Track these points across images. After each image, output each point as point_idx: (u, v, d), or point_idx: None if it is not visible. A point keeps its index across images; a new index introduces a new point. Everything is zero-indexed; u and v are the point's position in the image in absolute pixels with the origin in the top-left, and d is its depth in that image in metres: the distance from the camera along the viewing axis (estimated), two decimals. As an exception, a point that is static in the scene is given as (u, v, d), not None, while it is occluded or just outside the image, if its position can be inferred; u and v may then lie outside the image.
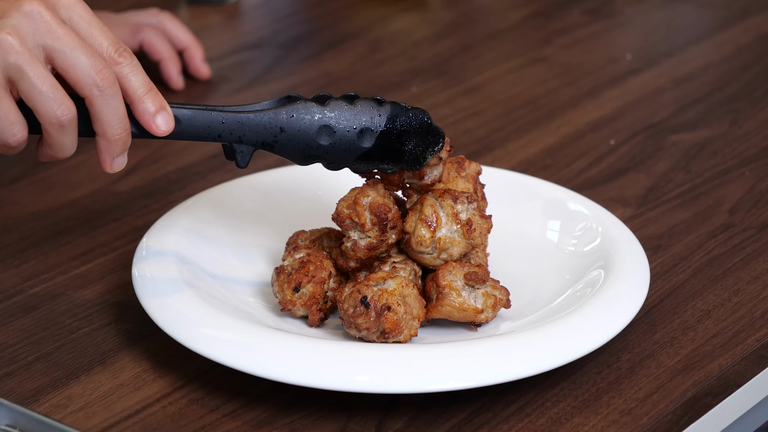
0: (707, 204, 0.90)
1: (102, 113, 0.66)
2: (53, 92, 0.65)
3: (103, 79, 0.66)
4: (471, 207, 0.73)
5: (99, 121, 0.67)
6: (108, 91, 0.66)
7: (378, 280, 0.71)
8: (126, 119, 0.67)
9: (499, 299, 0.73)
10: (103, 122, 0.67)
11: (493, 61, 1.16)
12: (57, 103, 0.65)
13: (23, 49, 0.65)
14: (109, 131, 0.67)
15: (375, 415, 0.68)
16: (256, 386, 0.70)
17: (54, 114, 0.65)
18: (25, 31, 0.65)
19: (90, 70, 0.65)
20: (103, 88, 0.66)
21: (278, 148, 0.71)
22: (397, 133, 0.71)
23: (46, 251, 0.84)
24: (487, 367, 0.68)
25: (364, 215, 0.72)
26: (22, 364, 0.73)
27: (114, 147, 0.68)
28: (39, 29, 0.65)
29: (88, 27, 0.67)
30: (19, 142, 0.66)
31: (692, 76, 1.11)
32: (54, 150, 0.67)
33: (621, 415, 0.69)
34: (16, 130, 0.66)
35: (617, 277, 0.75)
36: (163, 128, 0.68)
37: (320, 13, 1.27)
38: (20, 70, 0.65)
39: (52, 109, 0.65)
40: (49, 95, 0.65)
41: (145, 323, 0.75)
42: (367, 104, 0.71)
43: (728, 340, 0.75)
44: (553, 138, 1.01)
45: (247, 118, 0.70)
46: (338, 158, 0.71)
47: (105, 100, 0.66)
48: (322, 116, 0.70)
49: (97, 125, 0.67)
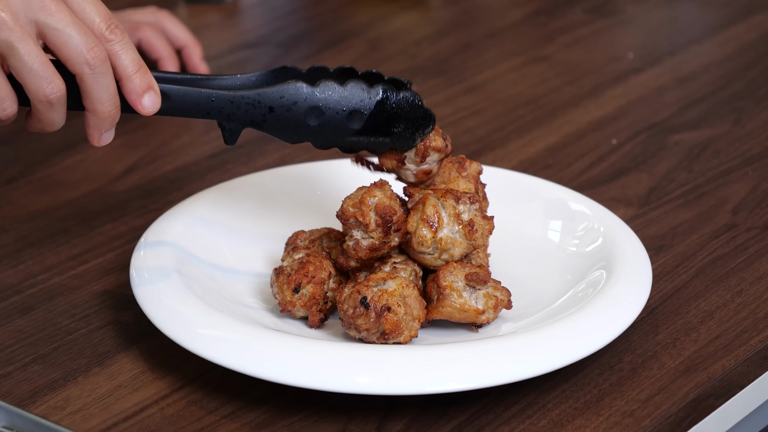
0: (710, 204, 0.90)
1: (92, 90, 0.67)
2: (43, 70, 0.66)
3: (94, 57, 0.66)
4: (473, 208, 0.73)
5: (89, 98, 0.68)
6: (99, 69, 0.67)
7: (378, 281, 0.70)
8: (116, 96, 0.68)
9: (501, 300, 0.73)
10: (93, 99, 0.67)
11: (494, 59, 1.15)
12: (46, 81, 0.66)
13: (15, 26, 0.65)
14: (99, 108, 0.68)
15: (375, 416, 0.68)
16: (255, 388, 0.70)
17: (43, 92, 0.66)
18: (17, 7, 0.65)
19: (81, 48, 0.66)
20: (94, 66, 0.66)
21: (267, 127, 0.71)
22: (387, 115, 0.72)
23: (44, 251, 0.84)
24: (488, 368, 0.68)
25: (369, 215, 0.71)
26: (18, 366, 0.72)
27: (103, 123, 0.69)
28: (32, 5, 0.66)
29: (81, 2, 0.68)
30: (9, 116, 0.67)
31: (695, 75, 1.11)
32: (42, 124, 0.68)
33: (623, 416, 0.68)
34: (6, 104, 0.67)
35: (619, 277, 0.75)
36: (149, 108, 0.69)
37: (319, 11, 1.27)
38: (11, 46, 0.65)
39: (42, 87, 0.66)
40: (39, 73, 0.66)
41: (143, 324, 0.74)
42: (357, 86, 0.71)
43: (731, 341, 0.75)
44: (554, 137, 1.00)
45: (236, 97, 0.70)
46: (327, 139, 0.72)
47: (95, 78, 0.67)
48: (312, 97, 0.71)
49: (87, 102, 0.68)
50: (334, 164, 0.87)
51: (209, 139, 1.00)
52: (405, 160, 0.74)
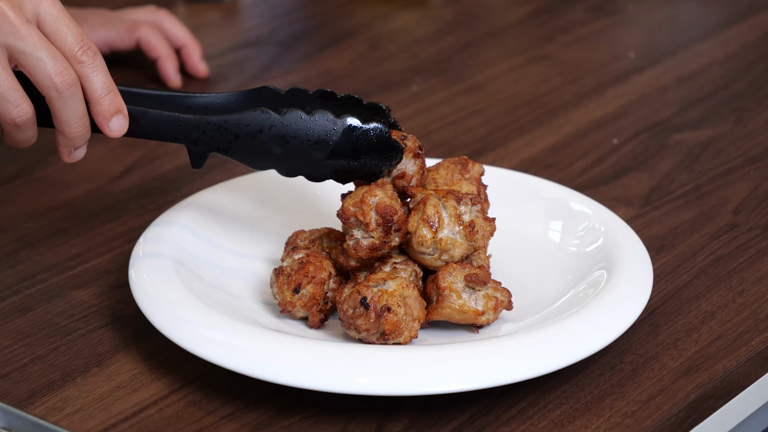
0: (711, 204, 0.90)
1: (60, 113, 0.69)
2: (10, 93, 0.68)
3: (62, 81, 0.68)
4: (474, 209, 0.72)
5: (57, 120, 0.69)
6: (66, 93, 0.68)
7: (378, 281, 0.70)
8: (85, 118, 0.69)
9: (501, 301, 0.72)
10: (62, 121, 0.69)
11: (494, 59, 1.15)
12: (13, 105, 0.68)
13: None
14: (67, 130, 0.69)
15: (375, 417, 0.68)
16: (255, 388, 0.70)
17: (9, 115, 0.68)
18: None
19: (50, 71, 0.67)
20: (62, 90, 0.68)
21: (232, 153, 0.72)
22: (352, 146, 0.73)
23: (42, 252, 0.84)
24: (489, 369, 0.68)
25: (369, 215, 0.71)
26: (17, 366, 0.72)
27: (72, 143, 0.70)
28: (2, 29, 0.67)
29: (54, 23, 0.68)
30: None
31: (696, 75, 1.11)
32: (14, 142, 0.70)
33: (624, 417, 0.68)
34: None
35: (620, 277, 0.74)
36: (116, 131, 0.70)
37: (319, 10, 1.27)
38: None
39: (8, 110, 0.68)
40: (6, 96, 0.68)
41: (142, 325, 0.74)
42: (323, 116, 0.72)
43: (732, 341, 0.74)
44: (555, 137, 1.00)
45: (202, 122, 0.72)
46: (292, 167, 0.73)
47: (63, 101, 0.68)
48: (277, 126, 0.72)
49: (57, 123, 0.69)
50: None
51: (208, 139, 1.00)
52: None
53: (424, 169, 0.75)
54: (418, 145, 0.74)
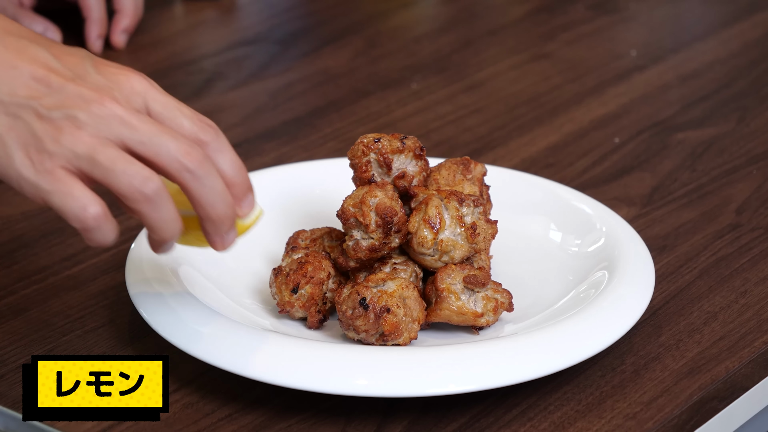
0: (714, 203, 0.89)
1: (200, 195, 0.62)
2: (128, 167, 0.61)
3: (191, 160, 0.61)
4: (477, 211, 0.72)
5: (199, 205, 0.62)
6: (200, 171, 0.61)
7: (377, 282, 0.70)
8: (227, 194, 0.62)
9: (501, 303, 0.72)
10: (204, 204, 0.62)
11: (494, 57, 1.15)
12: (136, 178, 0.60)
13: (92, 140, 0.61)
14: (212, 212, 0.63)
15: (374, 419, 0.68)
16: (253, 390, 0.69)
17: (135, 189, 0.60)
18: (97, 128, 0.61)
19: (176, 153, 0.61)
20: (194, 170, 0.61)
21: None
22: None
23: (38, 252, 0.83)
24: (489, 370, 0.67)
25: (369, 216, 0.71)
26: (12, 367, 0.72)
27: (220, 227, 0.64)
28: (112, 126, 0.61)
29: (165, 109, 0.63)
30: (94, 216, 0.61)
31: (698, 73, 1.11)
32: (157, 231, 0.62)
33: (625, 419, 0.68)
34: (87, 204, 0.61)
35: (622, 278, 0.74)
36: (247, 212, 0.65)
37: (318, 8, 1.26)
38: (91, 159, 0.60)
39: (132, 185, 0.60)
40: (125, 171, 0.60)
41: (138, 325, 0.74)
42: None
43: (735, 342, 0.74)
44: (556, 136, 1.00)
45: None
46: None
47: (200, 182, 0.62)
48: None
49: (199, 209, 0.63)
50: (334, 163, 0.86)
51: (206, 138, 0.99)
52: (373, 178, 0.74)
53: (427, 169, 0.75)
54: (419, 145, 0.74)
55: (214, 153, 0.63)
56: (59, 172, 0.60)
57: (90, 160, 0.60)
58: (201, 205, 0.62)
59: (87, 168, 0.61)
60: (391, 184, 0.74)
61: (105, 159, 0.60)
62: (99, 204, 0.61)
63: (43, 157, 0.60)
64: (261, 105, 1.06)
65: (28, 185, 0.61)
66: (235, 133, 1.01)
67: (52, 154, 0.60)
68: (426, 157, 0.75)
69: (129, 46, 1.14)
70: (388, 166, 0.74)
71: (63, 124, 0.61)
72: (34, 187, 0.61)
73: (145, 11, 1.17)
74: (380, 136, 0.74)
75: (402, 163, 0.74)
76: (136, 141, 0.61)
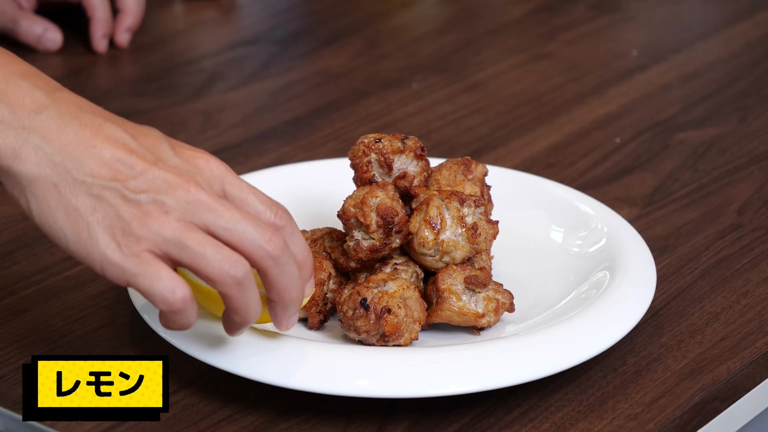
0: (715, 204, 0.89)
1: (278, 281, 0.64)
2: (218, 252, 0.61)
3: (275, 248, 0.63)
4: (478, 211, 0.72)
5: (275, 289, 0.64)
6: (281, 258, 0.63)
7: (378, 282, 0.70)
8: (299, 279, 0.64)
9: (502, 303, 0.72)
10: (280, 289, 0.64)
11: (495, 57, 1.15)
12: (226, 262, 0.62)
13: (180, 224, 0.62)
14: (287, 296, 0.64)
15: (375, 420, 0.67)
16: (253, 391, 0.69)
17: (226, 272, 0.61)
18: (183, 213, 0.62)
19: (260, 241, 0.62)
20: (277, 257, 0.63)
21: None
22: None
23: (38, 252, 0.83)
24: (490, 371, 0.67)
25: (370, 216, 0.71)
26: (13, 368, 0.72)
27: (291, 310, 0.65)
28: (198, 211, 0.62)
29: (241, 194, 0.64)
30: (182, 298, 0.62)
31: (700, 73, 1.10)
32: (241, 314, 0.63)
33: (627, 420, 0.68)
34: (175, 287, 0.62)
35: (623, 278, 0.74)
36: (310, 292, 0.67)
37: (318, 7, 1.26)
38: (180, 243, 0.61)
39: (223, 269, 0.61)
40: (216, 256, 0.61)
41: (138, 326, 0.74)
42: None
43: (737, 343, 0.74)
44: (557, 136, 1.00)
45: None
46: None
47: (281, 268, 0.63)
48: None
49: (274, 293, 0.64)
50: (334, 164, 0.86)
51: (206, 138, 0.99)
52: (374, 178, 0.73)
53: (427, 170, 0.75)
54: (420, 145, 0.74)
55: (288, 237, 0.65)
56: (146, 255, 0.61)
57: (178, 244, 0.61)
58: (277, 290, 0.64)
59: (175, 252, 0.61)
60: (391, 184, 0.73)
61: (194, 243, 0.61)
62: (186, 287, 0.62)
63: (130, 240, 0.61)
64: (261, 105, 1.06)
65: (113, 267, 0.61)
66: (235, 133, 1.00)
67: (140, 238, 0.61)
68: (427, 158, 0.75)
69: (129, 46, 1.14)
70: (388, 167, 0.73)
71: (150, 208, 0.61)
72: (119, 269, 0.61)
73: (144, 11, 1.17)
74: (381, 136, 0.74)
75: (403, 164, 0.74)
76: (220, 227, 0.62)
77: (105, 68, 1.12)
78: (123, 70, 1.12)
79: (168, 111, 1.04)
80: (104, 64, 1.12)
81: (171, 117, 1.02)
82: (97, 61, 1.12)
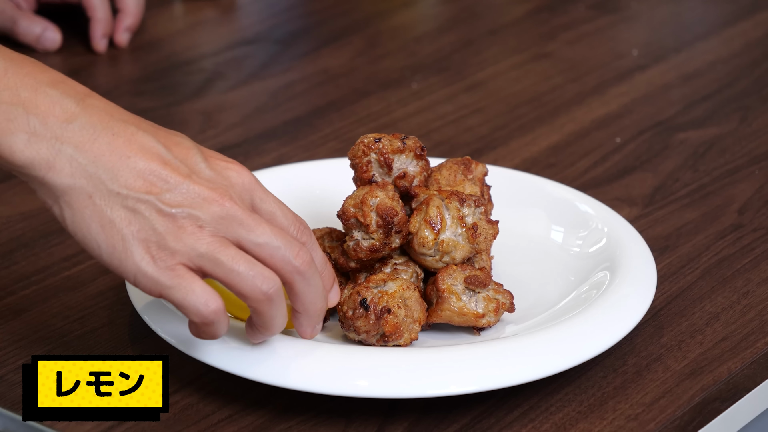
0: (716, 204, 0.89)
1: (305, 294, 0.65)
2: (251, 268, 0.63)
3: (302, 263, 0.64)
4: (478, 211, 0.72)
5: (301, 302, 0.66)
6: (308, 273, 0.65)
7: (378, 282, 0.70)
8: (324, 291, 0.67)
9: (502, 303, 0.72)
10: (306, 302, 0.66)
11: (495, 56, 1.15)
12: (258, 278, 0.63)
13: (214, 239, 0.63)
14: (312, 308, 0.66)
15: (375, 420, 0.67)
16: (252, 391, 0.69)
17: (258, 288, 0.63)
18: (217, 228, 0.63)
19: (289, 256, 0.64)
20: (304, 272, 0.64)
21: None
22: None
23: (37, 252, 0.83)
24: (490, 371, 0.67)
25: (370, 216, 0.71)
26: (12, 368, 0.71)
27: (315, 320, 0.67)
28: (231, 226, 0.63)
29: (269, 208, 0.66)
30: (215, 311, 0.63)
31: (700, 73, 1.10)
32: (270, 327, 0.65)
33: (627, 420, 0.68)
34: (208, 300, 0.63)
35: (623, 278, 0.74)
36: (333, 302, 0.69)
37: (318, 7, 1.26)
38: (214, 258, 0.62)
39: (255, 285, 0.63)
40: (249, 272, 0.63)
41: (138, 326, 0.73)
42: None
43: (737, 343, 0.74)
44: (557, 136, 1.00)
45: None
46: None
47: (307, 282, 0.65)
48: None
49: (299, 305, 0.66)
50: (334, 163, 0.86)
51: (205, 138, 0.99)
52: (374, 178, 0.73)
53: (427, 169, 0.75)
54: (420, 145, 0.74)
55: (309, 249, 0.66)
56: (180, 268, 0.62)
57: (212, 260, 0.62)
58: (303, 303, 0.65)
59: (208, 267, 0.62)
60: (391, 184, 0.73)
61: (227, 259, 0.62)
62: (219, 300, 0.63)
63: (164, 254, 0.62)
64: (261, 105, 1.06)
65: (146, 279, 0.62)
66: (235, 133, 1.00)
67: (174, 252, 0.62)
68: (427, 157, 0.75)
69: (129, 46, 1.14)
70: (388, 166, 0.73)
71: (184, 223, 0.62)
72: (153, 281, 0.62)
73: (144, 11, 1.17)
74: (381, 136, 0.74)
75: (403, 163, 0.74)
76: (252, 242, 0.63)
77: (105, 68, 1.12)
78: (123, 69, 1.12)
79: (168, 111, 1.04)
80: (104, 63, 1.12)
81: (171, 117, 1.02)
82: (97, 61, 1.12)
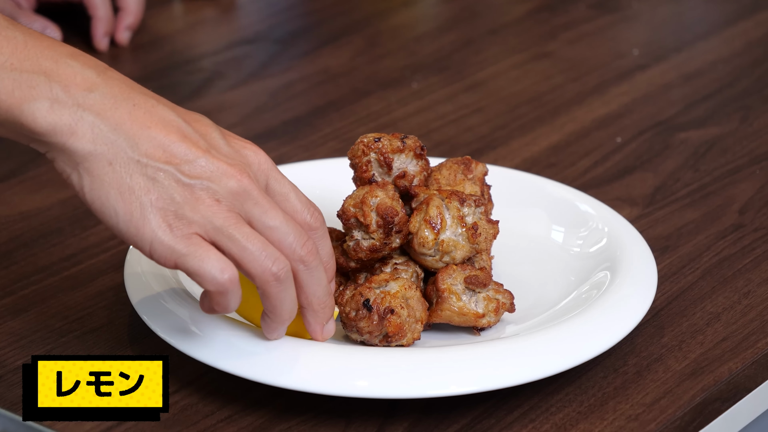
0: (716, 204, 0.89)
1: (308, 285, 0.65)
2: (263, 248, 0.63)
3: (307, 252, 0.64)
4: (478, 211, 0.72)
5: (304, 293, 0.65)
6: (312, 264, 0.64)
7: (380, 283, 0.70)
8: (328, 285, 0.66)
9: (502, 303, 0.72)
10: (309, 293, 0.65)
11: (496, 56, 1.15)
12: (269, 259, 0.63)
13: (230, 214, 0.63)
14: (315, 301, 0.66)
15: (375, 420, 0.67)
16: (252, 391, 0.69)
17: (268, 269, 0.63)
18: (232, 203, 0.63)
19: (296, 245, 0.64)
20: (308, 262, 0.64)
21: None
22: None
23: (36, 252, 0.83)
24: (490, 371, 0.67)
25: (370, 216, 0.71)
26: (11, 369, 0.71)
27: (321, 316, 0.66)
28: (246, 203, 0.63)
29: (283, 191, 0.66)
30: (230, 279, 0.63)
31: (701, 72, 1.10)
32: (278, 313, 0.65)
33: (628, 420, 0.67)
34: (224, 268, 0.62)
35: (624, 278, 0.74)
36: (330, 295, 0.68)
37: (318, 6, 1.26)
38: (228, 233, 0.62)
39: (265, 265, 0.63)
40: (261, 251, 0.63)
41: (137, 326, 0.73)
42: None
43: (738, 343, 0.74)
44: (557, 136, 1.00)
45: None
46: None
47: (310, 272, 0.65)
48: None
49: (303, 297, 0.65)
50: (334, 163, 0.86)
51: (205, 138, 0.99)
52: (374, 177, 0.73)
53: (427, 169, 0.75)
54: (420, 145, 0.74)
55: (318, 240, 0.66)
56: (195, 237, 0.62)
57: (227, 234, 0.62)
58: (306, 294, 0.65)
59: (222, 241, 0.62)
60: (391, 184, 0.73)
61: (241, 236, 0.62)
62: (233, 268, 0.63)
63: (181, 223, 0.62)
64: (261, 105, 1.06)
65: (162, 247, 0.62)
66: (235, 133, 1.00)
67: (191, 221, 0.62)
68: (427, 157, 0.75)
69: (128, 45, 1.14)
70: (388, 166, 0.73)
71: (202, 194, 0.62)
72: (169, 249, 0.62)
73: (145, 9, 1.17)
74: (380, 135, 0.74)
75: (402, 163, 0.74)
76: (264, 224, 0.63)
77: (104, 67, 1.12)
78: (123, 68, 1.11)
79: (167, 110, 1.04)
80: (104, 62, 1.12)
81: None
82: (97, 60, 1.12)
